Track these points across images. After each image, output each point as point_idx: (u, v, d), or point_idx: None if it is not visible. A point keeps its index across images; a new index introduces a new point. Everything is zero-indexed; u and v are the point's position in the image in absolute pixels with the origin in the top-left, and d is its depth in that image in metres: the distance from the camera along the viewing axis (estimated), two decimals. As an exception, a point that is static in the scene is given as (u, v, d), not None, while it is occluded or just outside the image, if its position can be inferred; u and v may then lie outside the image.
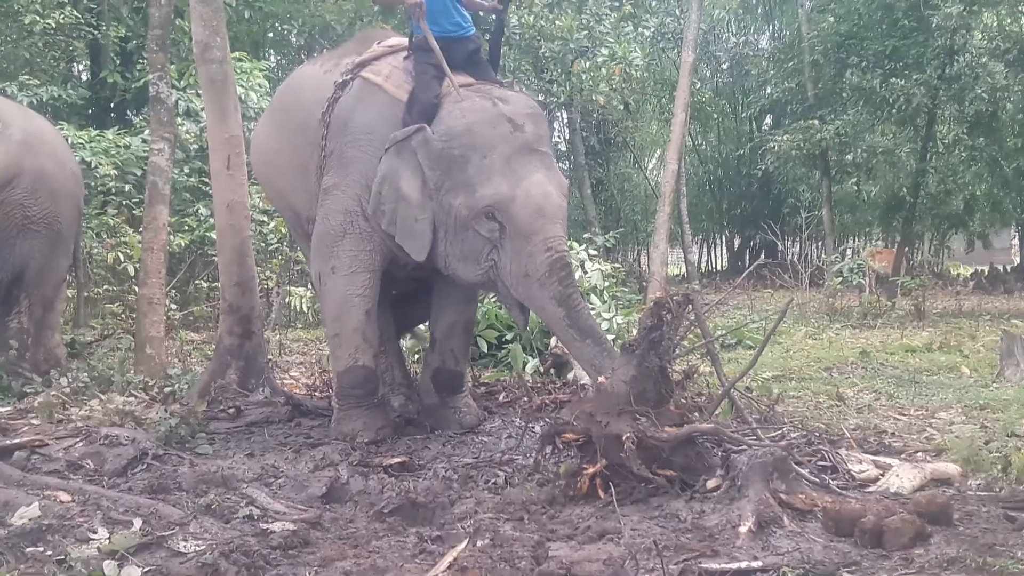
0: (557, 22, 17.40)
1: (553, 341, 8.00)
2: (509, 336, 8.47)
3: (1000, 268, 24.51)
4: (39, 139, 7.38)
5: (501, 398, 7.13)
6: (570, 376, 7.37)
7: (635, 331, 5.26)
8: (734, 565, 3.55)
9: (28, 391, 6.87)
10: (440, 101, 5.76)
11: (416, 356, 8.16)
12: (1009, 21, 16.31)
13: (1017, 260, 29.59)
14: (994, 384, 8.03)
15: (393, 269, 6.22)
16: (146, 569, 3.62)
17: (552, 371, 7.82)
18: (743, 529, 3.92)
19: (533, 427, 5.93)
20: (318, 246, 6.11)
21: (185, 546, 3.86)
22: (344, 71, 6.13)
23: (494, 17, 7.11)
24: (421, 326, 7.84)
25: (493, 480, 5.06)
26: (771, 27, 25.71)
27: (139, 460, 5.21)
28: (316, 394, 7.45)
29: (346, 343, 6.02)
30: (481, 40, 6.35)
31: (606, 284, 10.04)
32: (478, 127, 5.61)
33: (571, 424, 4.71)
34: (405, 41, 6.24)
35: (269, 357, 8.15)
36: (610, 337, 8.14)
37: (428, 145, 5.62)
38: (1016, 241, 31.77)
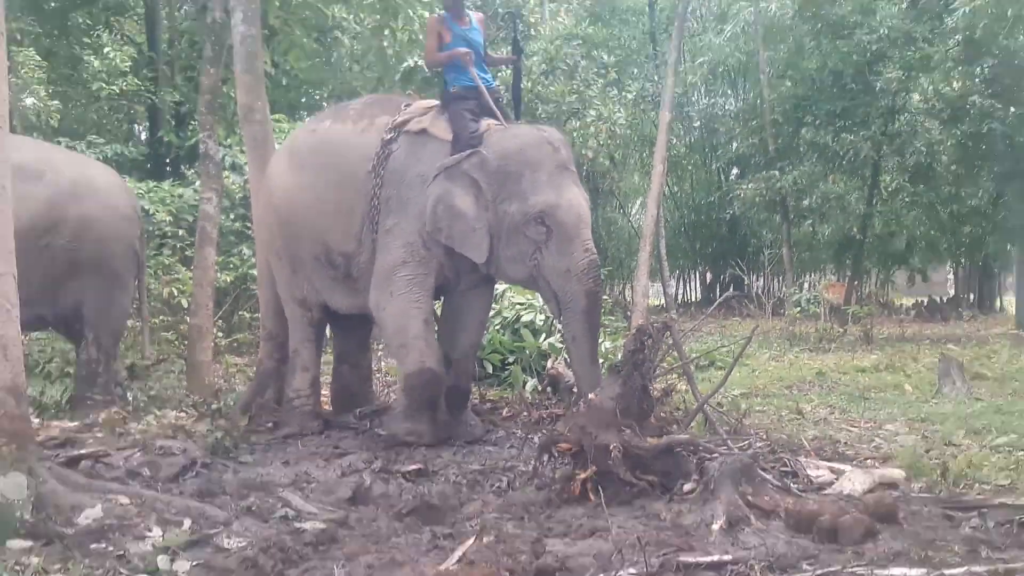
0: (551, 87, 17.50)
1: (549, 363, 7.99)
2: (511, 359, 8.45)
3: (937, 299, 24.46)
4: (87, 186, 7.01)
5: (504, 413, 7.12)
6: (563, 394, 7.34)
7: (620, 354, 5.28)
8: (707, 558, 3.54)
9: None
10: (481, 136, 6.01)
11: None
12: (943, 85, 16.40)
13: (952, 292, 29.52)
14: (933, 400, 8.01)
15: (444, 286, 6.39)
16: (195, 563, 3.62)
17: (549, 389, 7.79)
18: (715, 527, 3.91)
19: (532, 438, 5.94)
20: (379, 278, 6.15)
21: (229, 543, 3.85)
22: (388, 129, 6.22)
23: (510, 68, 7.48)
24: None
25: (497, 484, 5.05)
26: (737, 91, 25.78)
27: (189, 468, 5.19)
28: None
29: (412, 349, 6.07)
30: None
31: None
32: (529, 148, 5.93)
33: (565, 435, 4.72)
34: (427, 103, 6.42)
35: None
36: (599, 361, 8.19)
37: (485, 164, 5.89)
38: (951, 275, 31.74)
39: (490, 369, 8.42)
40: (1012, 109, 15.92)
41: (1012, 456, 5.44)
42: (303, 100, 20.36)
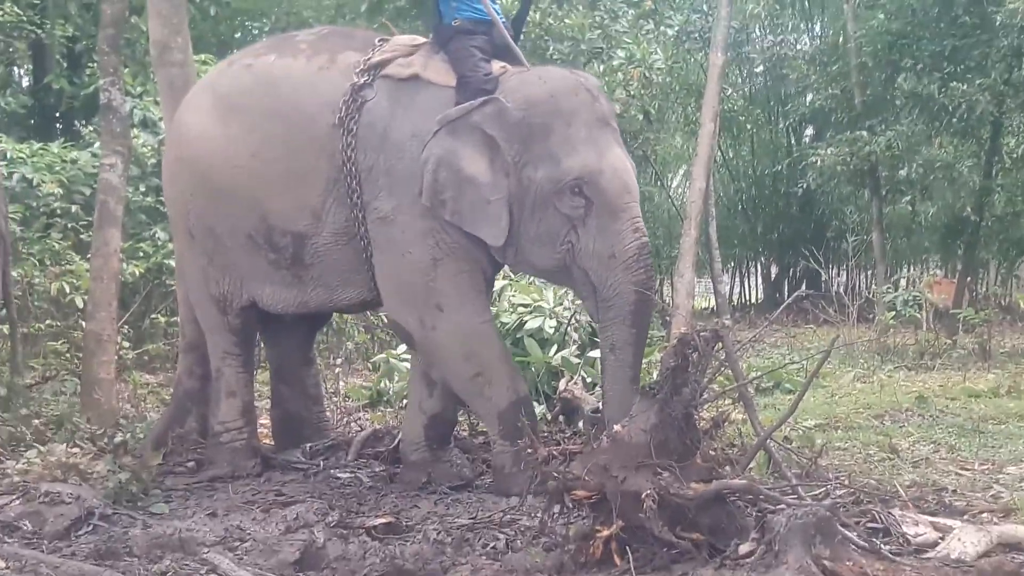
0: (567, 20, 17.44)
1: (562, 384, 7.98)
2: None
3: (1078, 300, 24.44)
4: None
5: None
6: (581, 424, 7.35)
7: (656, 372, 5.27)
8: (770, 644, 3.54)
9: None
10: (496, 80, 5.97)
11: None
12: (1086, 18, 16.37)
13: (1098, 291, 29.57)
14: (1072, 434, 8.01)
15: None
16: (91, 647, 3.61)
17: (561, 418, 7.79)
18: (781, 601, 3.91)
19: (539, 482, 5.92)
20: (408, 290, 6.11)
21: (136, 620, 3.85)
22: (359, 71, 6.15)
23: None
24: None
25: (492, 544, 5.05)
26: (812, 25, 25.82)
27: (84, 521, 5.20)
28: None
29: (497, 378, 6.06)
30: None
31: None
32: (561, 95, 5.91)
33: (582, 479, 4.68)
34: (409, 39, 6.40)
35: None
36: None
37: (504, 116, 5.84)
38: (1097, 269, 31.72)
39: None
40: None
41: None
42: (237, 36, 20.37)
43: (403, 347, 9.46)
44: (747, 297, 29.52)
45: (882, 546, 4.62)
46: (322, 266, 6.28)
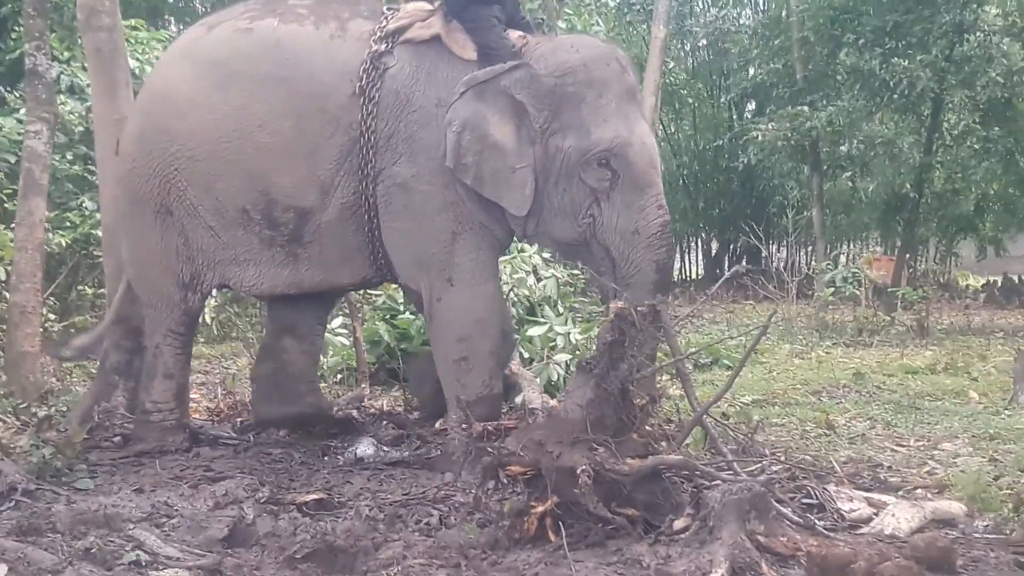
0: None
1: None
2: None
3: (1015, 278, 24.79)
4: None
5: (437, 424, 7.11)
6: (518, 400, 7.36)
7: (593, 348, 5.28)
8: (703, 618, 3.56)
9: None
10: (519, 50, 5.91)
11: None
12: (1027, -6, 16.56)
13: (1035, 269, 29.97)
14: (1006, 411, 8.12)
15: None
16: (11, 624, 3.58)
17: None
18: (715, 576, 3.94)
19: (474, 458, 5.92)
20: (423, 258, 6.03)
21: (58, 597, 3.81)
22: (375, 39, 6.02)
23: None
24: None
25: (426, 520, 5.03)
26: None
27: (6, 496, 5.12)
28: (219, 419, 7.39)
29: (478, 369, 6.01)
30: None
31: (562, 294, 10.03)
32: (594, 64, 5.87)
33: (517, 455, 4.68)
34: (419, 6, 6.23)
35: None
36: (564, 357, 8.20)
37: (535, 82, 5.81)
38: (1034, 247, 32.15)
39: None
40: None
41: (1108, 485, 5.54)
42: (169, 1, 20.14)
43: (337, 322, 9.44)
44: (687, 273, 29.66)
45: (816, 522, 4.68)
46: (322, 244, 6.16)
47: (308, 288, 6.34)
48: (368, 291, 10.65)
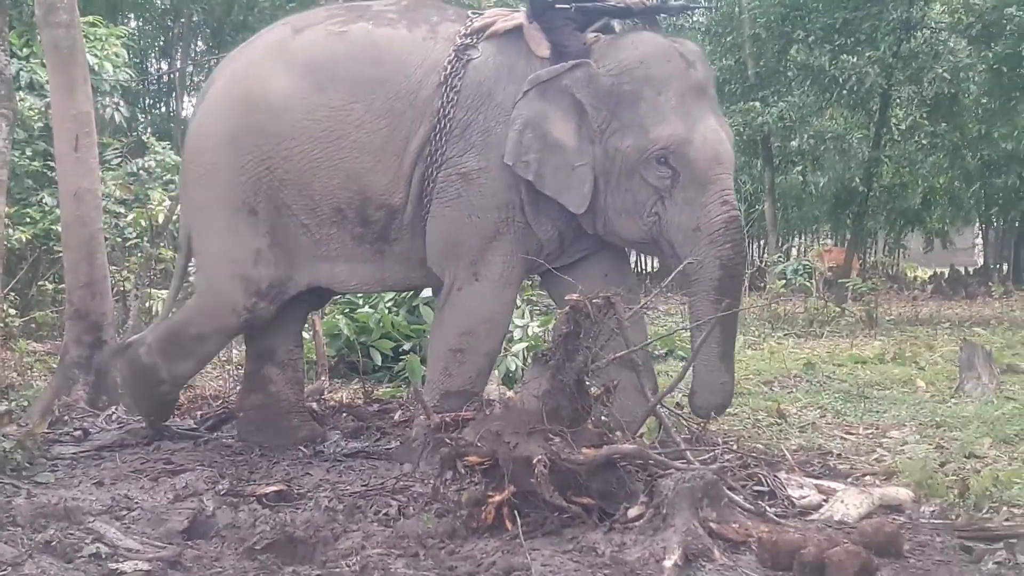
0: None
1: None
2: (407, 346, 8.46)
3: (961, 270, 25.04)
4: None
5: (397, 416, 7.11)
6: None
7: (549, 340, 5.28)
8: (657, 604, 3.58)
9: None
10: (589, 48, 5.82)
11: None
12: (973, -8, 16.68)
13: (980, 261, 30.27)
14: (952, 399, 8.20)
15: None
16: (-28, 618, 3.55)
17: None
18: (668, 563, 3.94)
19: (432, 449, 5.91)
20: (458, 245, 5.92)
21: (19, 590, 3.78)
22: (462, 36, 5.95)
23: None
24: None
25: (384, 511, 5.01)
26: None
27: (-34, 491, 5.09)
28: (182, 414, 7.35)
29: (470, 364, 5.94)
30: None
31: (521, 287, 10.03)
32: (653, 61, 5.72)
33: (475, 445, 4.68)
34: (501, 11, 6.22)
35: (125, 371, 8.02)
36: (521, 347, 8.21)
37: (594, 81, 5.69)
38: (979, 240, 32.50)
39: (379, 360, 8.42)
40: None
41: (1050, 471, 5.59)
42: (127, -3, 19.99)
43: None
44: (643, 265, 29.72)
45: (767, 508, 4.70)
46: (403, 241, 6.08)
47: (391, 286, 6.43)
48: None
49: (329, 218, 6.10)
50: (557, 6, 5.89)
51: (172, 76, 23.24)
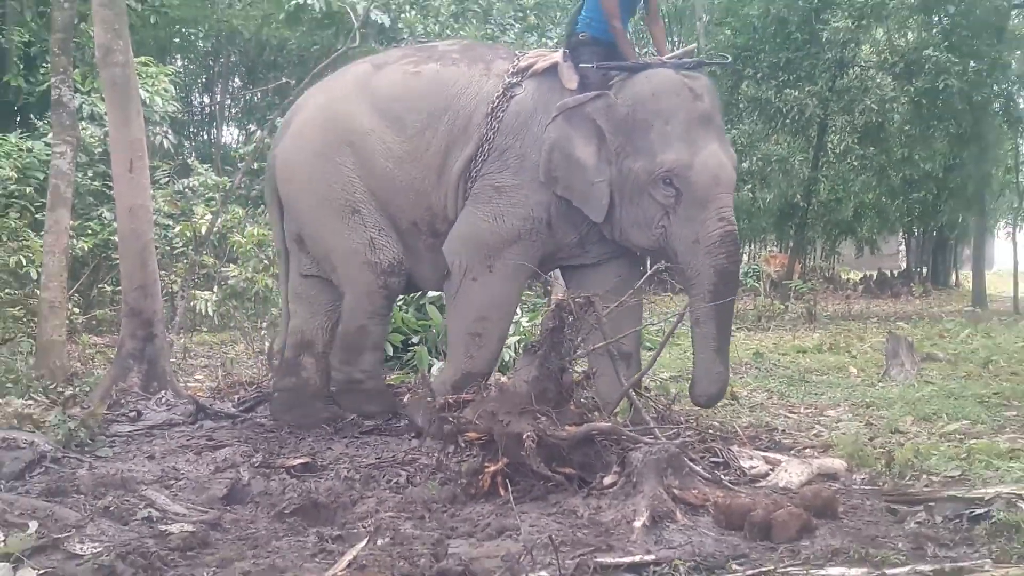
0: (462, 32, 17.36)
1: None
2: (415, 339, 8.43)
3: (887, 273, 25.10)
4: None
5: (406, 399, 7.08)
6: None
7: (538, 333, 5.28)
8: (628, 559, 3.56)
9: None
10: (610, 81, 5.83)
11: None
12: (897, 36, 16.74)
13: (903, 265, 30.31)
14: (880, 383, 8.22)
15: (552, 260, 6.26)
16: (42, 571, 3.51)
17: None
18: (637, 524, 3.94)
19: (437, 426, 5.89)
20: (478, 240, 5.94)
21: (82, 548, 3.75)
22: (509, 74, 6.01)
23: None
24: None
25: (395, 480, 5.01)
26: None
27: (37, 463, 5.04)
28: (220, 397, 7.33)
29: (485, 348, 5.97)
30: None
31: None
32: (663, 94, 5.67)
33: (473, 423, 4.69)
34: (546, 51, 6.24)
35: (173, 360, 8.01)
36: (515, 339, 8.20)
37: (612, 110, 5.71)
38: (902, 247, 32.57)
39: (391, 351, 8.40)
40: (972, 64, 16.32)
41: (963, 444, 5.59)
42: (175, 41, 19.98)
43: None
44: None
45: (722, 477, 4.70)
46: None
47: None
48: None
49: (408, 230, 6.24)
50: (585, 44, 6.02)
51: (213, 108, 23.18)
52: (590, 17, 6.10)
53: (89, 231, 11.46)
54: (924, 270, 27.88)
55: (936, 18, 17.07)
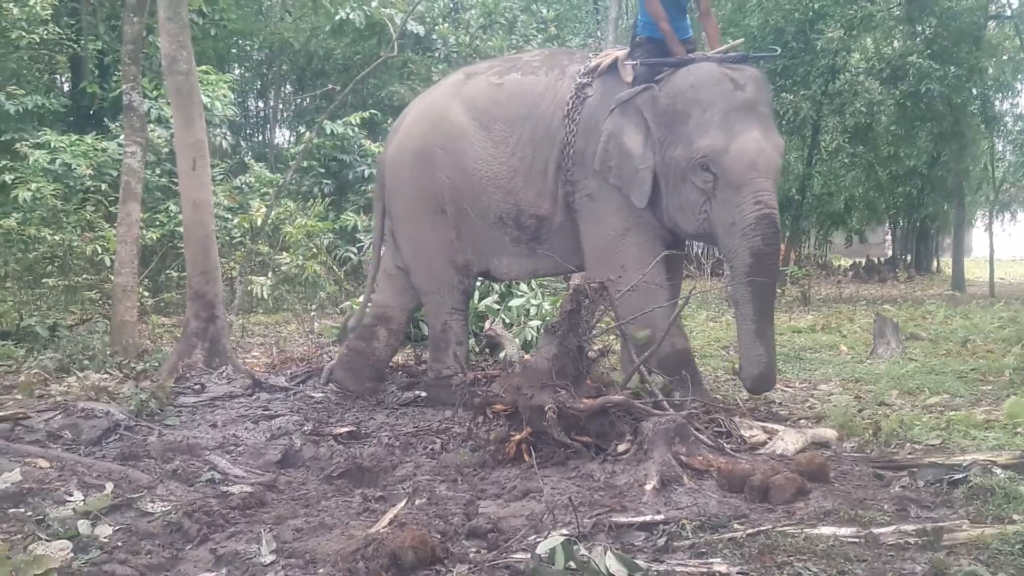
0: (490, 42, 17.35)
1: (487, 325, 7.96)
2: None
3: (875, 260, 24.93)
4: None
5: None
6: (502, 355, 7.35)
7: (557, 314, 5.27)
8: (640, 518, 3.56)
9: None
10: (661, 75, 5.69)
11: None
12: (884, 44, 16.60)
13: (889, 253, 30.09)
14: (868, 360, 8.18)
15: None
16: (117, 528, 3.56)
17: (487, 351, 7.79)
18: (648, 487, 3.94)
19: (468, 399, 5.90)
20: (602, 253, 5.80)
21: (152, 507, 3.79)
22: (582, 74, 5.93)
23: None
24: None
25: (431, 447, 5.04)
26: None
27: (112, 431, 5.11)
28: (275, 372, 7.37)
29: (656, 332, 5.43)
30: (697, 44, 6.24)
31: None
32: (701, 84, 5.46)
33: (500, 396, 4.70)
34: (616, 50, 6.12)
35: (232, 339, 8.05)
36: (536, 322, 8.19)
37: (655, 102, 5.57)
38: (888, 236, 32.34)
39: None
40: (952, 69, 16.19)
41: (943, 416, 5.58)
42: (233, 51, 20.04)
43: (364, 295, 9.39)
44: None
45: (725, 445, 4.69)
46: (553, 241, 6.06)
47: (542, 275, 6.39)
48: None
49: (494, 223, 6.19)
50: (642, 44, 5.92)
51: (266, 112, 23.24)
52: (644, 21, 6.00)
53: (157, 223, 11.53)
54: (908, 257, 27.67)
55: (919, 28, 16.91)
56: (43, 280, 10.32)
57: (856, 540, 3.33)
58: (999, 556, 3.16)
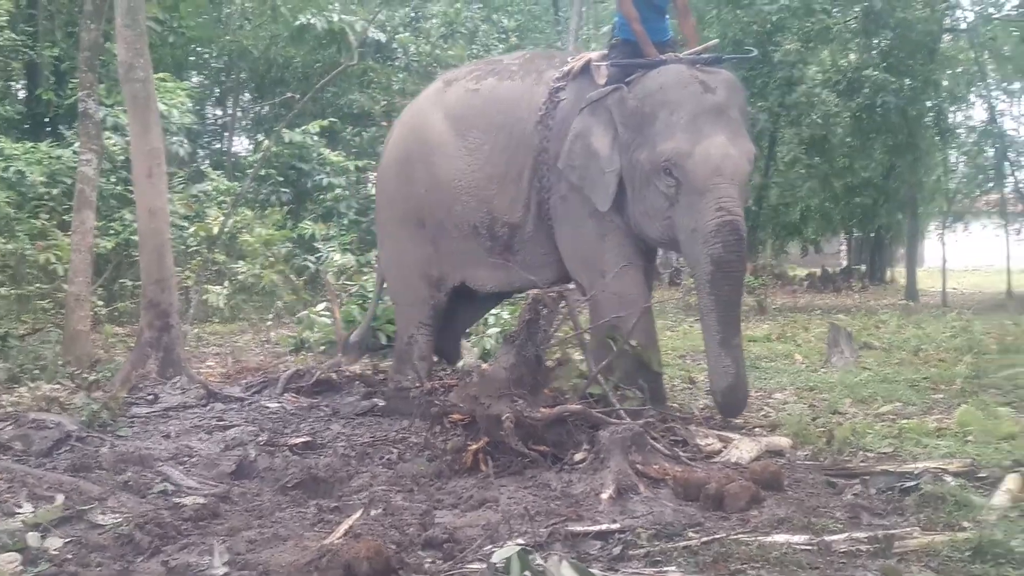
0: (451, 51, 17.36)
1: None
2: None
3: (830, 270, 25.15)
4: None
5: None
6: (459, 364, 7.34)
7: (516, 324, 5.26)
8: (595, 527, 3.57)
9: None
10: (633, 76, 5.59)
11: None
12: (840, 57, 16.79)
13: (844, 263, 30.38)
14: (822, 369, 8.22)
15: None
16: (67, 540, 3.50)
17: (444, 360, 7.76)
18: (604, 496, 3.94)
19: (425, 408, 5.88)
20: (582, 258, 5.76)
21: (104, 519, 3.75)
22: (556, 79, 5.87)
23: None
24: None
25: (387, 456, 4.99)
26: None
27: (64, 442, 5.03)
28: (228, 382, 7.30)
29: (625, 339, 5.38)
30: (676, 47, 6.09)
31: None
32: (670, 86, 5.32)
33: (458, 406, 4.71)
34: (592, 53, 6.09)
35: (187, 348, 7.97)
36: (495, 331, 8.18)
37: (623, 103, 5.45)
38: (843, 247, 32.67)
39: (384, 340, 8.37)
40: (907, 82, 16.40)
41: (896, 424, 5.62)
42: (191, 58, 19.89)
43: (322, 305, 9.35)
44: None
45: (681, 454, 4.69)
46: (526, 251, 5.97)
47: (518, 287, 6.19)
48: (347, 280, 10.61)
49: (469, 233, 6.14)
50: (618, 46, 5.88)
51: (224, 120, 23.09)
52: (620, 22, 5.95)
53: (112, 231, 11.40)
54: (863, 268, 27.93)
55: (875, 41, 17.11)
56: (-6, 289, 10.18)
57: (809, 547, 3.35)
58: (949, 563, 3.20)
